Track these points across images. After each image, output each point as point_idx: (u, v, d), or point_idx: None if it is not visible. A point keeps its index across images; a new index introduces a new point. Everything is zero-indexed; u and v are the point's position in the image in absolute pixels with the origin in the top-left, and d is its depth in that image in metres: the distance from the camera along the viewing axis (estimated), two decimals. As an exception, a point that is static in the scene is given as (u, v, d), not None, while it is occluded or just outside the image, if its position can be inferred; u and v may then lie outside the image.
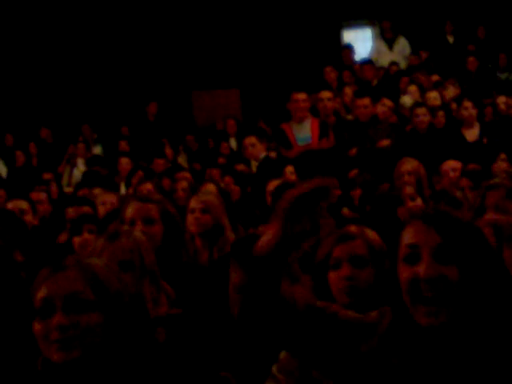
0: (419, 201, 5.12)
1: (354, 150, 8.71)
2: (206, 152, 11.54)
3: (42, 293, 2.12)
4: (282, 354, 2.96)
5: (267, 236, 2.11)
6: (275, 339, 3.29)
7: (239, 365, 3.32)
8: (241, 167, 9.26)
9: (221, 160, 10.41)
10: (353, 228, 3.09)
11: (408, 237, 2.15)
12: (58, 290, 2.10)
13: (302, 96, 8.54)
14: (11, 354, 2.77)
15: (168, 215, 3.95)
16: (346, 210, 6.70)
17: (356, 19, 14.25)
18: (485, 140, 8.70)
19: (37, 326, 2.12)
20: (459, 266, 2.08)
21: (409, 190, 5.16)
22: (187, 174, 8.05)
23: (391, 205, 5.12)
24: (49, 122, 13.11)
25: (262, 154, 9.12)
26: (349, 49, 13.02)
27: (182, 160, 11.60)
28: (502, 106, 9.70)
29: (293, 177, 7.40)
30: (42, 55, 13.65)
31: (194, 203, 4.94)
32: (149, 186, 7.63)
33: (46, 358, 2.12)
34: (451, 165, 7.11)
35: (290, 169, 7.60)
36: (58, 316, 2.08)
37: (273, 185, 6.40)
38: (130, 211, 4.02)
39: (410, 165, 6.55)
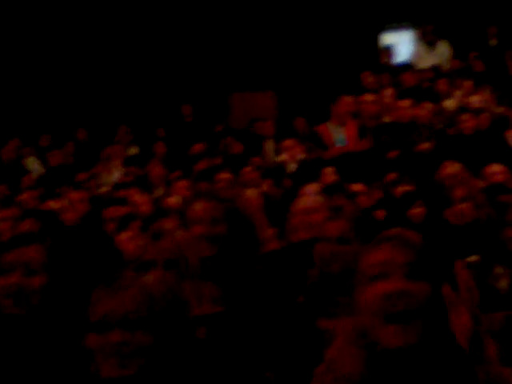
0: (468, 204, 5.02)
1: (393, 153, 8.61)
2: (242, 154, 11.46)
3: (100, 309, 2.25)
4: (328, 354, 2.93)
5: None
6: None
7: (282, 365, 3.31)
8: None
9: (257, 162, 10.32)
10: (393, 232, 3.07)
11: (379, 255, 2.25)
12: (117, 308, 2.24)
13: (348, 99, 8.52)
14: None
15: (234, 214, 3.85)
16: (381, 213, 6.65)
17: (397, 22, 14.09)
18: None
19: (93, 340, 2.25)
20: (430, 282, 2.19)
21: (459, 192, 5.07)
22: (227, 175, 8.00)
23: (439, 207, 5.05)
24: (86, 123, 13.13)
25: (300, 156, 9.07)
26: (388, 50, 12.91)
27: (219, 162, 11.53)
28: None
29: (332, 178, 7.29)
30: (82, 56, 13.69)
31: None
32: (185, 184, 7.63)
33: (97, 370, 2.24)
34: (495, 169, 6.99)
35: (329, 170, 7.48)
36: (116, 333, 2.22)
37: (308, 188, 6.33)
38: (195, 210, 3.89)
39: (453, 168, 6.46)
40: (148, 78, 13.82)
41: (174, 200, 6.60)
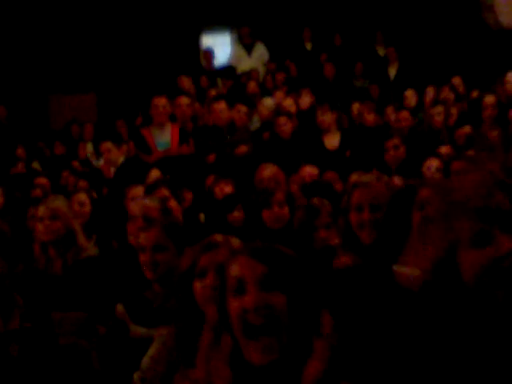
0: (284, 207, 5.11)
1: (212, 157, 8.65)
2: (61, 157, 11.24)
3: None
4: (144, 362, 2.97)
5: None
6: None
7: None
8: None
9: (76, 165, 10.16)
10: (217, 237, 3.10)
11: (234, 270, 2.21)
12: None
13: (162, 101, 8.41)
14: None
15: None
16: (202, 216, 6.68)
17: (215, 24, 14.17)
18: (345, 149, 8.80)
19: None
20: (285, 293, 2.15)
21: (279, 196, 5.15)
22: (44, 180, 7.83)
23: (257, 208, 5.10)
24: None
25: (120, 159, 8.98)
26: (209, 52, 12.96)
27: (36, 165, 11.26)
28: (357, 113, 9.85)
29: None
30: None
31: (42, 211, 4.85)
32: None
33: None
34: (308, 171, 7.17)
35: (156, 173, 7.40)
36: None
37: (134, 191, 6.25)
38: None
39: (269, 170, 6.55)
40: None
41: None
